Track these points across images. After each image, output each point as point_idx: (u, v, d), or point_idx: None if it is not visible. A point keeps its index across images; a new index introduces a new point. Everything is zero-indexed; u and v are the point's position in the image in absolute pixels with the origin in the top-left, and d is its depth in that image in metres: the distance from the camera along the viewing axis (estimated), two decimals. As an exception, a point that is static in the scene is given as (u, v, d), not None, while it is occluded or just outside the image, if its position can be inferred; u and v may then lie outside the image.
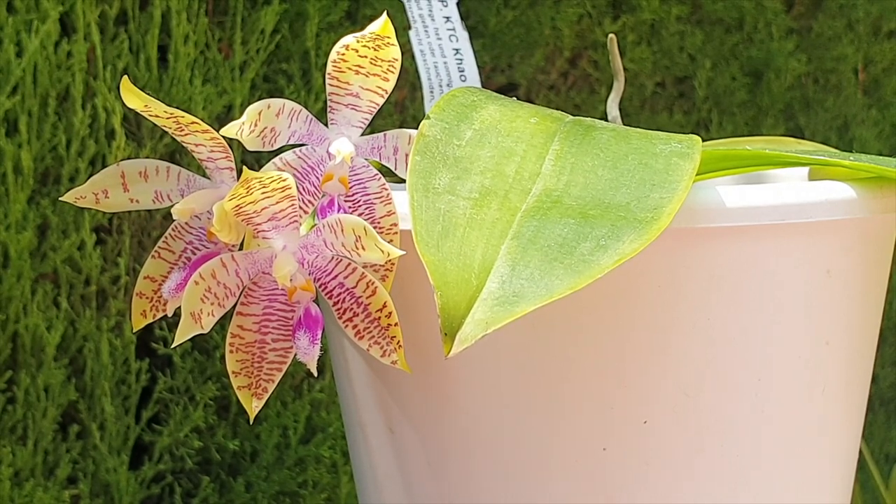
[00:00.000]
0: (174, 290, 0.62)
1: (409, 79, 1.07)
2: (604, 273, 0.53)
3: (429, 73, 0.77)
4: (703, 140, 0.64)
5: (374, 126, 0.86)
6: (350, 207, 0.61)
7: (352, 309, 0.61)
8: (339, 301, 0.61)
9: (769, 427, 0.64)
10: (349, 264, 0.60)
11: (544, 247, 0.54)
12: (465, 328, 0.52)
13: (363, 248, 0.58)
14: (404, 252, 0.57)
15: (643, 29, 1.17)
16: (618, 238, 0.54)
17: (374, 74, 0.60)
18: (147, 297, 0.64)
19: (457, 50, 0.77)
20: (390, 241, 0.60)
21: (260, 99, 0.66)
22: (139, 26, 0.96)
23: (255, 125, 0.60)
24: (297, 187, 0.59)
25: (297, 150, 0.62)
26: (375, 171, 0.62)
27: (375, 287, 0.60)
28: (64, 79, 0.93)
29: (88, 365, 0.95)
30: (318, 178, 0.61)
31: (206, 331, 0.59)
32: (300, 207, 0.60)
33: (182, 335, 0.59)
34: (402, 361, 0.61)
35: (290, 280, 0.60)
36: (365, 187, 0.61)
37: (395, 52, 0.60)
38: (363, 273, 0.60)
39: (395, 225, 0.61)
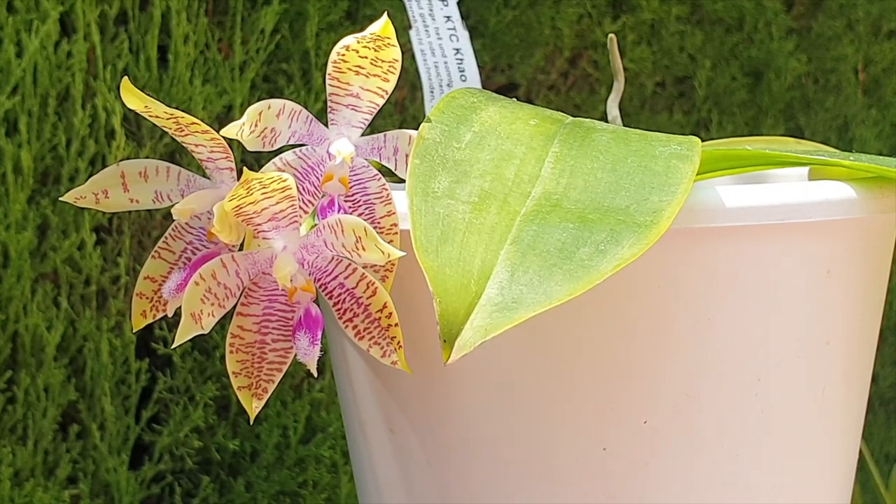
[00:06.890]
0: (174, 291, 0.62)
1: (409, 79, 1.07)
2: (603, 279, 0.53)
3: (429, 73, 0.77)
4: (703, 140, 0.64)
5: (374, 126, 0.86)
6: (350, 208, 0.61)
7: (352, 309, 0.61)
8: (339, 301, 0.61)
9: (769, 427, 0.64)
10: (349, 265, 0.60)
11: (543, 252, 0.54)
12: (464, 334, 0.52)
13: (363, 249, 0.58)
14: (404, 253, 0.57)
15: (643, 29, 1.17)
16: (617, 242, 0.54)
17: (375, 75, 0.60)
18: (147, 298, 0.64)
19: (457, 50, 0.76)
20: (390, 242, 0.60)
21: (260, 99, 0.66)
22: (139, 26, 0.96)
23: (256, 126, 0.60)
24: (297, 187, 0.59)
25: (297, 150, 0.62)
26: (375, 172, 0.62)
27: (376, 287, 0.60)
28: (64, 79, 0.93)
29: (88, 365, 0.95)
30: (318, 178, 0.61)
31: (206, 331, 0.59)
32: (300, 208, 0.60)
33: (182, 336, 0.59)
34: (403, 362, 0.61)
35: (291, 280, 0.60)
36: (365, 187, 0.61)
37: (395, 52, 0.60)
38: (363, 273, 0.60)
39: (396, 225, 0.61)
